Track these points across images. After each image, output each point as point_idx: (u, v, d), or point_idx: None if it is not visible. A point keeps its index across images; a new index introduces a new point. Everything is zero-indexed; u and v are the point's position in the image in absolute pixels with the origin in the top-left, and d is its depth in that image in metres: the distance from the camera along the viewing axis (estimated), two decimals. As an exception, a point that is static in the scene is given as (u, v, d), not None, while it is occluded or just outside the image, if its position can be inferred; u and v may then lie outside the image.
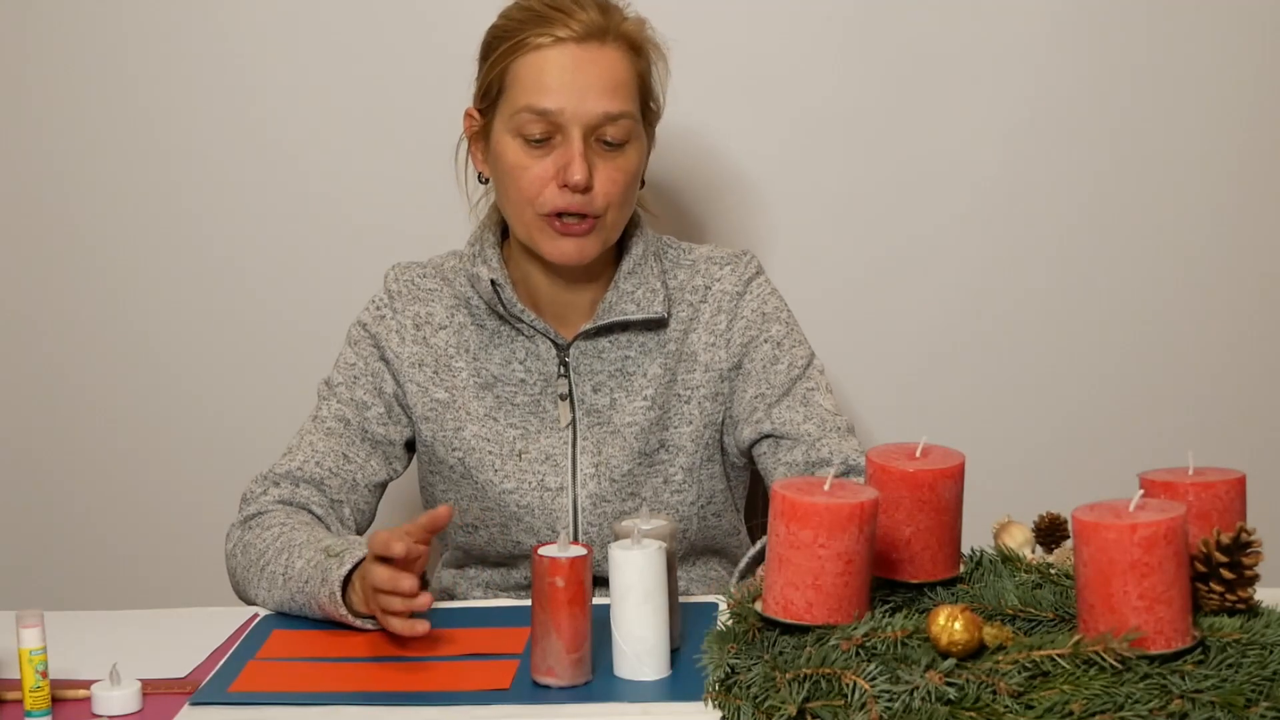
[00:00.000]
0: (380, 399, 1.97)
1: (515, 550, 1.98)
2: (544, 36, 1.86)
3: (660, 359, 1.95)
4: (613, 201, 1.88)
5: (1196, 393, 2.53)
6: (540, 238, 1.89)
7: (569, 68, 1.85)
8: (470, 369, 1.96)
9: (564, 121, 1.85)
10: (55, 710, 1.53)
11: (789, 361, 1.96)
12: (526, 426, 1.95)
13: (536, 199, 1.87)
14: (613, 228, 1.91)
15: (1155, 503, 1.36)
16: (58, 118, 2.51)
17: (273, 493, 1.91)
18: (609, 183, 1.87)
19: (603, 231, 1.90)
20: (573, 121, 1.85)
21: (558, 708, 1.52)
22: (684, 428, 1.96)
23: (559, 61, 1.86)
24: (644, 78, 1.92)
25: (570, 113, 1.85)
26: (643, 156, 1.93)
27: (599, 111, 1.85)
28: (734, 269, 1.98)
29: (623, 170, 1.88)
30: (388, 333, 1.98)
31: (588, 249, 1.89)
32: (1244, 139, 2.47)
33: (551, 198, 1.87)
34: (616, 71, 1.87)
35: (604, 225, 1.89)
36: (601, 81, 1.86)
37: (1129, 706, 1.27)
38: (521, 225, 1.91)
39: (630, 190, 1.91)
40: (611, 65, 1.87)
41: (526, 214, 1.89)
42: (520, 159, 1.87)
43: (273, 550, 1.81)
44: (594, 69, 1.86)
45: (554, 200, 1.87)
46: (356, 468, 1.95)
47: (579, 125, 1.85)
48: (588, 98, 1.85)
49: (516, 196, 1.89)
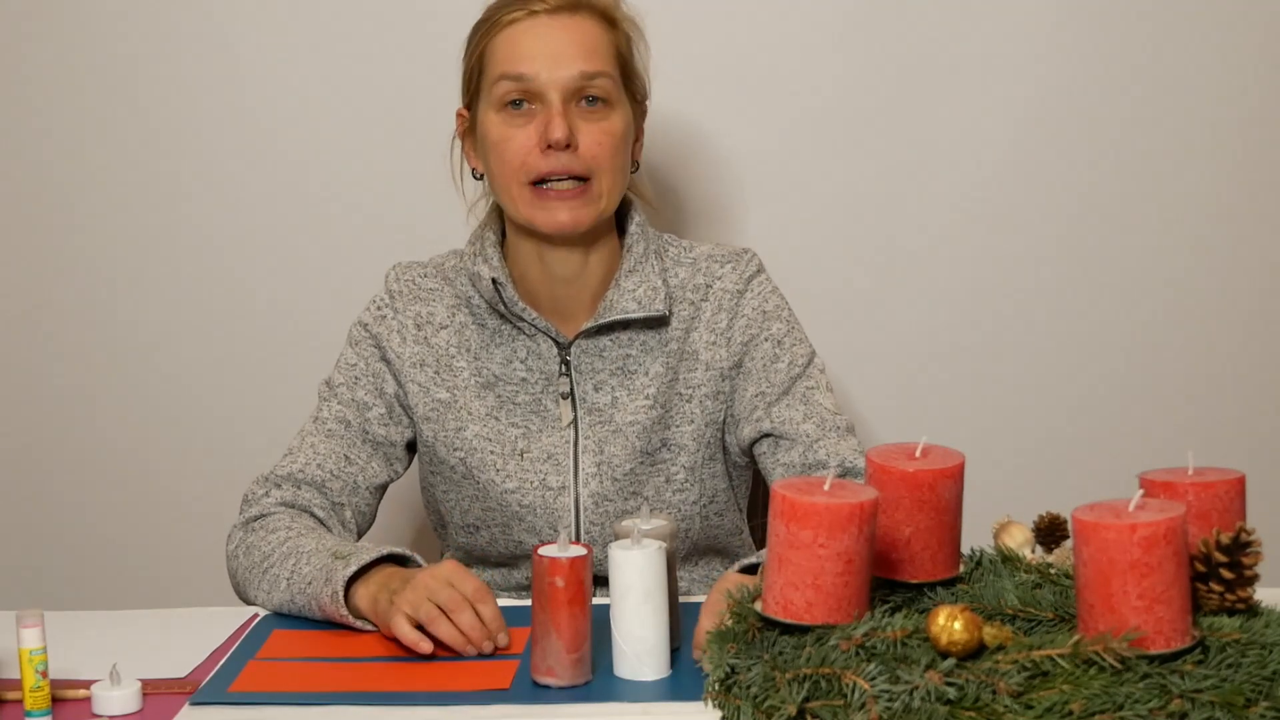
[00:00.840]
0: (381, 399, 1.97)
1: (517, 550, 1.97)
2: (517, 12, 1.89)
3: (662, 357, 1.95)
4: (601, 165, 1.88)
5: (1196, 393, 2.53)
6: (532, 210, 1.89)
7: (541, 37, 1.88)
8: (471, 368, 1.96)
9: (540, 87, 1.86)
10: (55, 710, 1.53)
11: (789, 360, 1.96)
12: (528, 426, 1.95)
13: (522, 168, 1.87)
14: (607, 196, 1.90)
15: (1155, 503, 1.36)
16: (57, 117, 2.51)
17: (274, 495, 1.91)
18: (594, 144, 1.87)
19: (596, 201, 1.89)
20: (550, 86, 1.86)
21: (558, 708, 1.52)
22: (686, 426, 1.96)
23: (532, 31, 1.88)
24: (620, 50, 1.92)
25: (546, 77, 1.86)
26: (628, 124, 1.92)
27: (575, 73, 1.87)
28: (735, 267, 1.98)
29: (607, 133, 1.88)
30: (389, 333, 1.98)
31: (581, 216, 1.89)
32: (1244, 139, 2.47)
33: (536, 163, 1.87)
34: (590, 37, 1.89)
35: (598, 193, 1.89)
36: (575, 45, 1.87)
37: (1129, 706, 1.27)
38: (513, 203, 1.90)
39: (618, 156, 1.90)
40: (585, 33, 1.89)
41: (514, 188, 1.89)
42: (503, 131, 1.88)
43: (278, 554, 1.81)
44: (567, 35, 1.88)
45: (539, 165, 1.87)
46: (358, 469, 1.95)
47: (557, 89, 1.86)
48: (562, 62, 1.86)
49: (504, 171, 1.89)
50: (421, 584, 1.66)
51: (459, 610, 1.64)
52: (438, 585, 1.66)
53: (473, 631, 1.64)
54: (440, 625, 1.64)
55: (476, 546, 2.01)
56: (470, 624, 1.64)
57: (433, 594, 1.65)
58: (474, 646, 1.64)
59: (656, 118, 2.01)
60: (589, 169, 1.87)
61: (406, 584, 1.67)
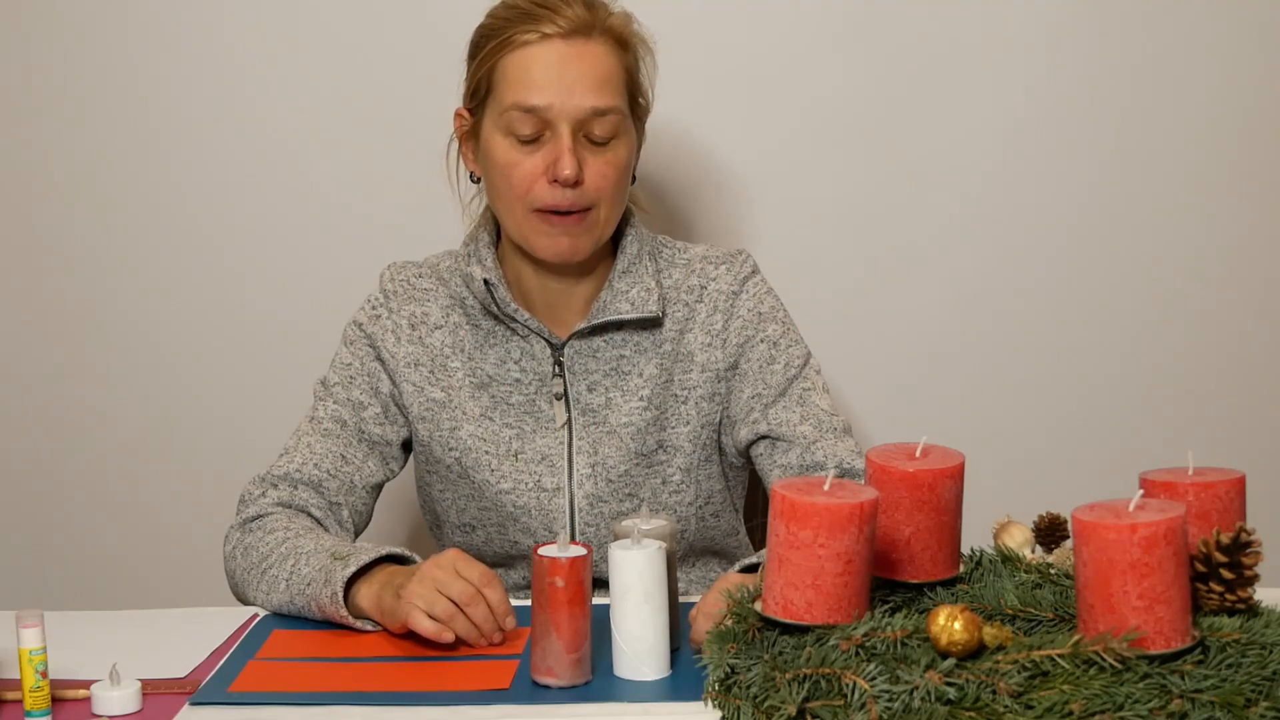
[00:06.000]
0: (377, 399, 1.97)
1: (513, 550, 1.98)
2: (530, 33, 1.87)
3: (656, 359, 1.95)
4: (604, 196, 1.88)
5: (1196, 393, 2.53)
6: (532, 235, 1.89)
7: (555, 64, 1.86)
8: (466, 369, 1.96)
9: (552, 117, 1.86)
10: (55, 710, 1.53)
11: (785, 361, 1.96)
12: (522, 426, 1.95)
13: (527, 195, 1.88)
14: (605, 224, 1.91)
15: (1155, 503, 1.36)
16: (57, 117, 2.51)
17: (271, 495, 1.91)
18: (599, 177, 1.87)
19: (595, 228, 1.90)
20: (561, 117, 1.85)
21: (558, 708, 1.52)
22: (681, 428, 1.96)
23: (545, 58, 1.86)
24: (631, 73, 1.92)
25: (558, 109, 1.85)
26: (632, 151, 1.93)
27: (586, 106, 1.86)
28: (729, 268, 1.98)
29: (612, 165, 1.88)
30: (383, 332, 1.98)
31: (580, 246, 1.90)
32: (1244, 138, 2.47)
33: (541, 193, 1.87)
34: (603, 67, 1.88)
35: (596, 221, 1.90)
36: (588, 77, 1.86)
37: (1129, 706, 1.27)
38: (513, 223, 1.91)
39: (621, 185, 1.91)
40: (598, 60, 1.88)
41: (517, 211, 1.89)
42: (510, 156, 1.88)
43: (276, 555, 1.81)
44: (580, 64, 1.87)
45: (544, 196, 1.87)
46: (354, 469, 1.95)
47: (567, 121, 1.85)
48: (575, 93, 1.85)
49: (507, 193, 1.89)
50: (430, 576, 1.66)
51: (473, 604, 1.65)
52: (447, 577, 1.65)
53: (485, 624, 1.65)
54: (458, 621, 1.64)
55: (472, 546, 2.01)
56: (483, 617, 1.65)
57: (444, 587, 1.64)
58: (486, 639, 1.65)
59: (653, 121, 2.00)
60: (592, 201, 1.88)
61: (412, 578, 1.67)
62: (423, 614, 1.63)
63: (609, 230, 1.93)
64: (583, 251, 1.91)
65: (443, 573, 1.66)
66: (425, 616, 1.63)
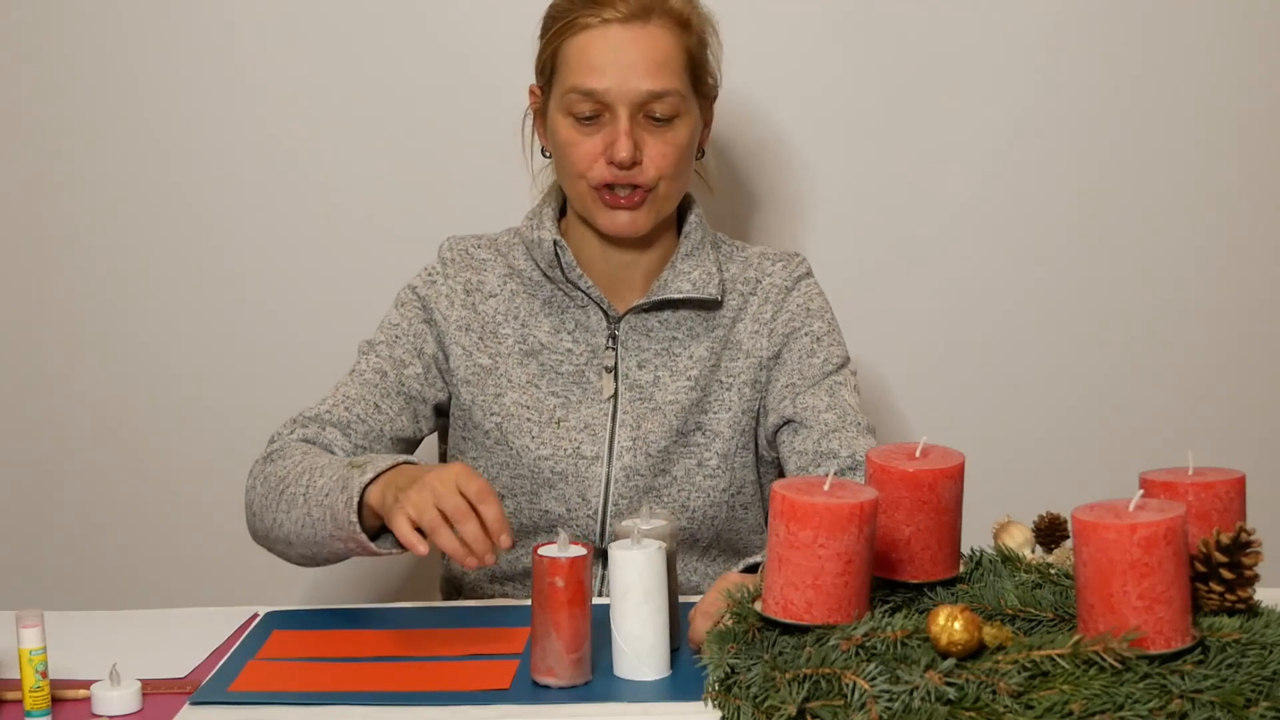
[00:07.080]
0: (419, 359, 1.99)
1: (541, 521, 1.97)
2: (591, 18, 1.91)
3: (707, 343, 1.99)
4: (664, 173, 1.93)
5: (1196, 393, 2.53)
6: (594, 209, 1.94)
7: (613, 48, 1.90)
8: (516, 335, 1.99)
9: (610, 100, 1.90)
10: (55, 710, 1.53)
11: (824, 356, 1.99)
12: (568, 396, 1.97)
13: (587, 173, 1.93)
14: (665, 199, 1.96)
15: (1155, 503, 1.36)
16: (57, 117, 2.51)
17: (299, 433, 1.92)
18: (659, 156, 1.92)
19: (656, 204, 1.94)
20: (618, 100, 1.90)
21: (558, 708, 1.52)
22: (723, 414, 1.98)
23: (603, 43, 1.91)
24: (692, 53, 1.95)
25: (615, 92, 1.90)
26: (694, 130, 1.96)
27: (643, 90, 1.90)
28: (785, 265, 2.04)
29: (672, 144, 1.93)
30: (438, 296, 2.01)
31: (640, 221, 1.94)
32: (1244, 139, 2.47)
33: (600, 172, 1.92)
34: (661, 49, 1.91)
35: (656, 197, 1.94)
36: (645, 61, 1.90)
37: (1129, 706, 1.27)
38: (577, 197, 1.96)
39: (682, 163, 1.95)
40: (655, 44, 1.91)
41: (580, 186, 1.94)
42: (571, 135, 1.93)
43: (294, 474, 1.82)
44: (638, 48, 1.90)
45: (603, 174, 1.92)
46: (386, 420, 1.95)
47: (625, 104, 1.90)
48: (631, 77, 1.89)
49: (569, 170, 1.94)
50: (428, 485, 1.64)
51: (464, 520, 1.62)
52: (444, 490, 1.63)
53: (476, 543, 1.61)
54: (441, 534, 1.61)
55: None
56: (474, 535, 1.62)
57: (439, 499, 1.62)
58: (475, 558, 1.62)
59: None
60: (652, 180, 1.92)
61: (414, 483, 1.65)
62: (406, 521, 1.62)
63: (670, 205, 1.97)
64: (643, 226, 1.95)
65: (442, 485, 1.63)
66: (408, 524, 1.62)
